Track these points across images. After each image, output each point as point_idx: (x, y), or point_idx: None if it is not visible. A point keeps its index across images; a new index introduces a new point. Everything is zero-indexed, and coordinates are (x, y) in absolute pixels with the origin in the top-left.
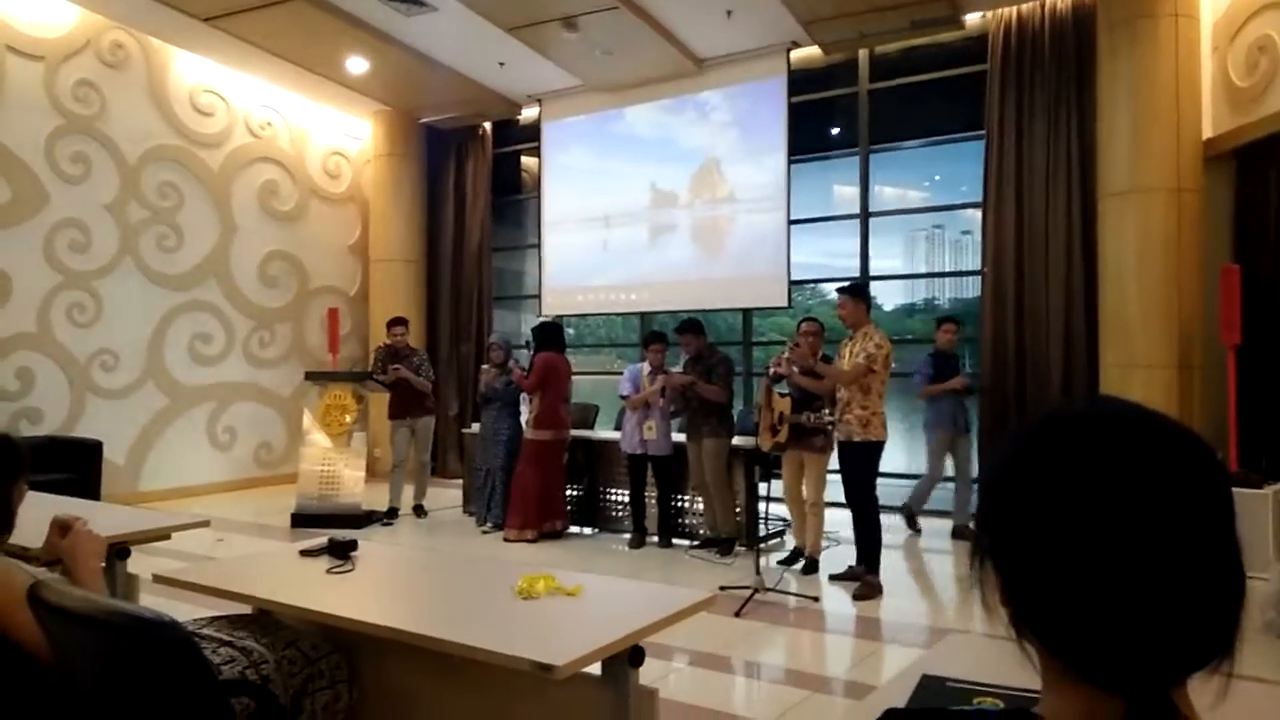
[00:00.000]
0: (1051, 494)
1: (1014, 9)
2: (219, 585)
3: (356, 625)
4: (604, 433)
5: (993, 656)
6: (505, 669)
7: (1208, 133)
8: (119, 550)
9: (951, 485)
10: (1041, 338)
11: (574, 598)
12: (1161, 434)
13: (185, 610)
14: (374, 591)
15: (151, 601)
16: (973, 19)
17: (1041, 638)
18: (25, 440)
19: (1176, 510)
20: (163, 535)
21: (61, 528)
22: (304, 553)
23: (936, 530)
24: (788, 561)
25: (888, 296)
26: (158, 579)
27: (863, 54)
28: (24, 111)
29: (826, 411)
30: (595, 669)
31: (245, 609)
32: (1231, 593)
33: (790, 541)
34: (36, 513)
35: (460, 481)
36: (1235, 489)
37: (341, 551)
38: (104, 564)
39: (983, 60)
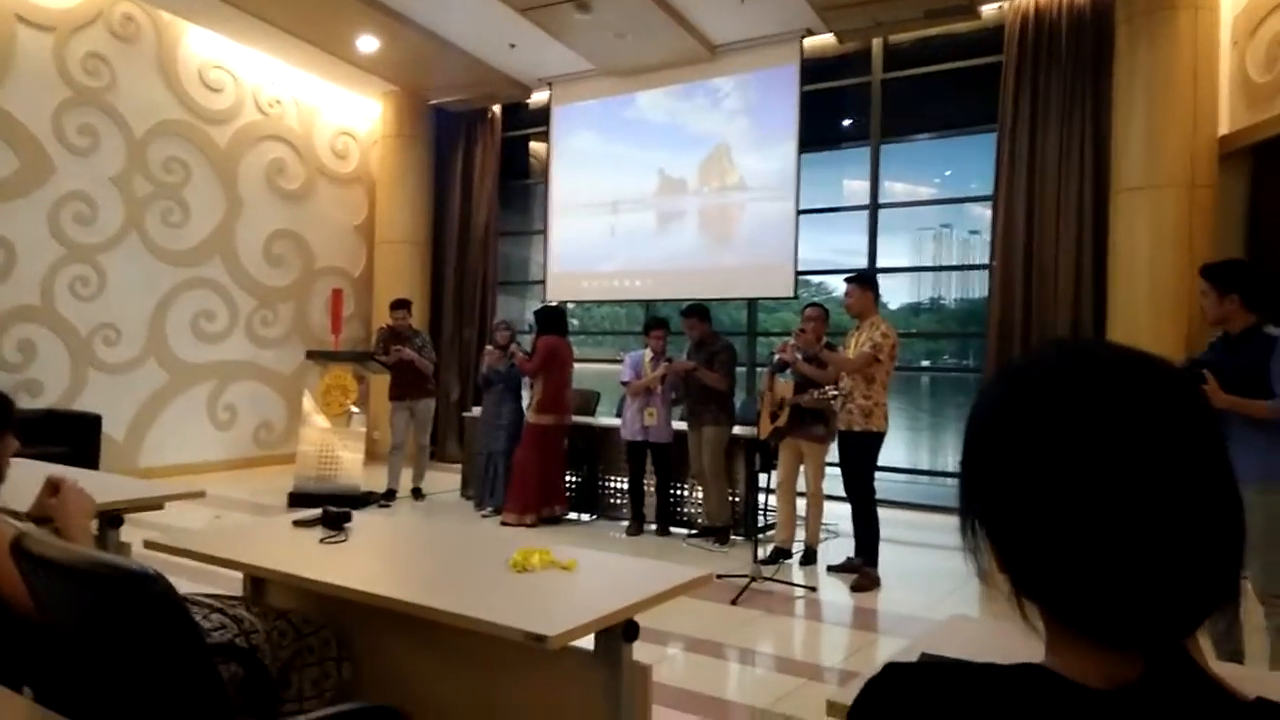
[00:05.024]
0: (1035, 452)
1: None
2: (210, 552)
3: (347, 593)
4: (605, 419)
5: (994, 636)
6: (499, 642)
7: (1224, 129)
8: (111, 518)
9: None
10: (1050, 332)
11: (569, 572)
12: (1137, 372)
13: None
14: (366, 562)
15: None
16: (989, 9)
17: (1045, 604)
18: (23, 412)
19: (1165, 450)
20: (156, 505)
21: (53, 487)
22: (297, 523)
23: (938, 524)
24: (770, 560)
25: (893, 295)
26: (149, 545)
27: (876, 43)
28: (33, 83)
29: (830, 388)
30: (588, 643)
31: (238, 582)
32: (1231, 528)
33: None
34: (30, 481)
35: (459, 466)
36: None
37: (335, 523)
38: (95, 530)
39: (998, 51)
